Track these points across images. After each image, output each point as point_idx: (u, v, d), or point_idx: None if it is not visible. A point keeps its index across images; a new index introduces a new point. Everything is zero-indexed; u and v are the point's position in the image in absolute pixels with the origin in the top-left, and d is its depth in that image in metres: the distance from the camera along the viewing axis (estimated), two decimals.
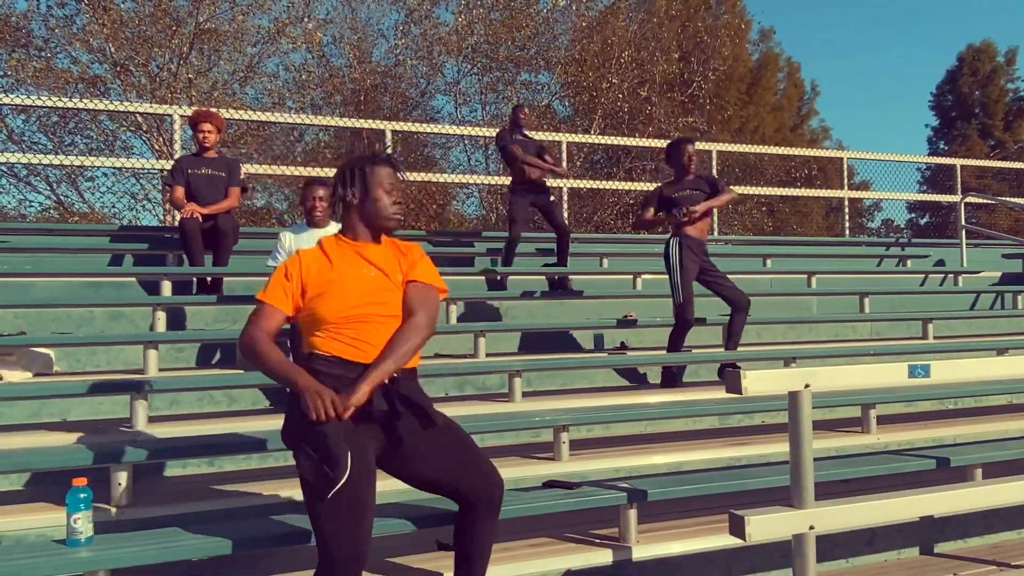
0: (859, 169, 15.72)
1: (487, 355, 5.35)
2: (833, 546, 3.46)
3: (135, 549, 2.51)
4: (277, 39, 16.17)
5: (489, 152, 17.36)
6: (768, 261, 8.51)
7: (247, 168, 7.55)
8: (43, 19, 15.45)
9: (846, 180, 11.16)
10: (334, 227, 4.70)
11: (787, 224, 18.35)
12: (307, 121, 10.00)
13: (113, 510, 3.06)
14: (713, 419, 4.79)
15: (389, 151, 2.55)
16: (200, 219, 5.44)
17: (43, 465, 3.24)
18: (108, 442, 3.37)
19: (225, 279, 5.71)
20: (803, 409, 2.58)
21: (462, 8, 16.64)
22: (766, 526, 2.53)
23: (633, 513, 3.16)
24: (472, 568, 2.55)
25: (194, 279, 5.72)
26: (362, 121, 10.05)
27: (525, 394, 4.67)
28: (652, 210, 5.34)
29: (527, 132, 6.95)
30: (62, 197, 16.24)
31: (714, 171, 10.06)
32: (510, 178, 6.96)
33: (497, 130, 7.16)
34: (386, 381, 2.40)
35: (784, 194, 12.78)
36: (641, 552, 3.13)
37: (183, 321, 5.47)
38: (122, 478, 3.10)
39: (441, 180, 11.14)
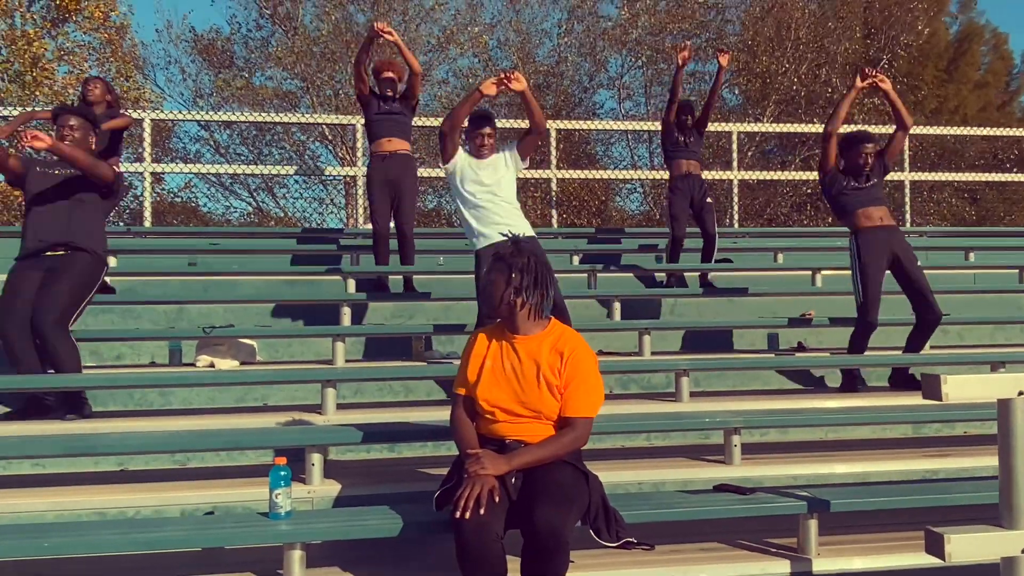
0: None
1: (652, 353, 5.27)
2: None
3: (326, 525, 2.73)
4: (446, 46, 16.87)
5: (653, 146, 17.04)
6: (971, 255, 7.72)
7: (420, 171, 7.89)
8: (243, 41, 17.19)
9: None
10: (497, 157, 4.58)
11: (993, 213, 16.43)
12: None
13: (307, 489, 3.35)
14: (906, 427, 4.42)
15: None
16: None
17: (249, 444, 3.62)
18: (303, 426, 3.69)
19: (392, 277, 6.08)
20: (1016, 418, 2.32)
21: (626, 1, 16.47)
22: (970, 546, 2.31)
23: (813, 523, 2.98)
24: None
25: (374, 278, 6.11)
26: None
27: (693, 394, 4.54)
28: (835, 149, 4.98)
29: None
30: (260, 203, 18.01)
31: (905, 156, 9.26)
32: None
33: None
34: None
35: (989, 179, 11.51)
36: (822, 565, 2.95)
37: (364, 317, 5.86)
38: (316, 459, 3.38)
39: (602, 176, 11.06)
